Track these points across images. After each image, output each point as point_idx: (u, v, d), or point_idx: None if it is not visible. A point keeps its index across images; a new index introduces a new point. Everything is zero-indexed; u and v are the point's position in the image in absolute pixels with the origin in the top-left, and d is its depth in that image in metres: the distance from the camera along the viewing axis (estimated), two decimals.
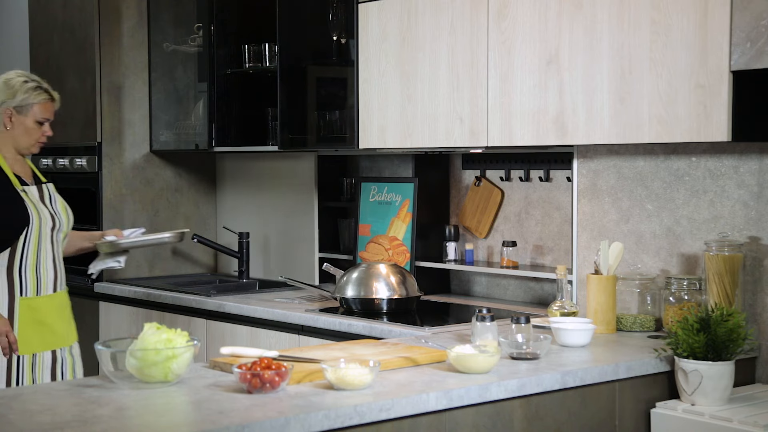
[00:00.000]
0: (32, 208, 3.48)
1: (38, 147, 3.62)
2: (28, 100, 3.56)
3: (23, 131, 3.57)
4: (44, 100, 3.60)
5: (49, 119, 3.63)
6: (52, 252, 3.55)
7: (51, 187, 3.64)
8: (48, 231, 3.52)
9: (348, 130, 4.23)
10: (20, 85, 3.57)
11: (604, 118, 3.28)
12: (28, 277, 3.48)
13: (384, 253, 4.42)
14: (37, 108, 3.58)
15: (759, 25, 2.88)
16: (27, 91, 3.57)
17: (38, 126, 3.59)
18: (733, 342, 2.86)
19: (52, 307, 3.56)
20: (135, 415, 2.32)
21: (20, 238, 3.45)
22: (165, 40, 5.10)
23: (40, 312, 3.51)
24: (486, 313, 2.95)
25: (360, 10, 4.09)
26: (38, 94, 3.59)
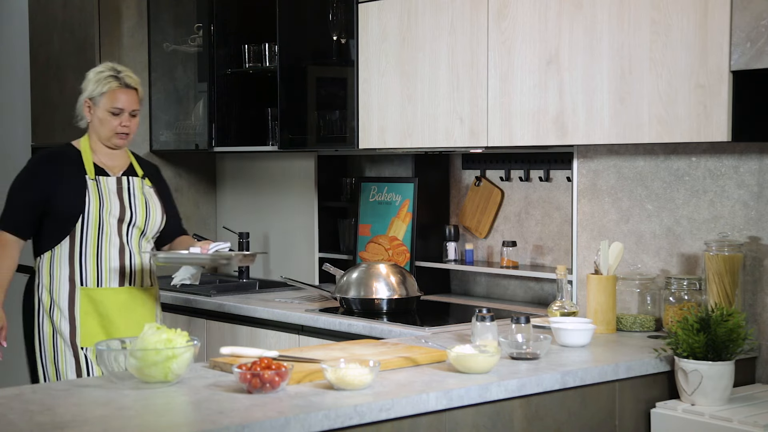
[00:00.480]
0: (94, 197, 3.48)
1: (120, 139, 3.58)
2: (97, 89, 3.54)
3: (98, 122, 3.56)
4: (113, 88, 3.54)
5: (122, 109, 3.55)
6: (119, 244, 3.53)
7: (136, 182, 3.61)
8: (113, 222, 3.51)
9: (348, 130, 4.23)
10: (94, 75, 3.57)
11: (604, 118, 3.28)
12: (88, 266, 3.51)
13: (384, 253, 4.42)
14: (106, 97, 3.54)
15: (759, 25, 2.88)
16: (98, 81, 3.55)
17: (111, 116, 3.55)
18: (733, 342, 2.86)
19: (115, 301, 3.54)
20: (135, 415, 2.32)
21: (77, 226, 3.48)
22: (165, 40, 5.10)
23: (101, 305, 3.52)
24: (486, 313, 2.95)
25: (360, 10, 4.09)
26: (107, 82, 3.54)
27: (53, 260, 3.52)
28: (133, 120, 3.60)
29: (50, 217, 3.51)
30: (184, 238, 3.79)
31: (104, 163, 3.58)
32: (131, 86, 3.57)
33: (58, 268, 3.52)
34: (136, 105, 3.59)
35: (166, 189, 3.79)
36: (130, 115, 3.57)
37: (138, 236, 3.58)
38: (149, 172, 3.72)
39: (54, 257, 3.52)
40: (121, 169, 3.61)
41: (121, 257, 3.54)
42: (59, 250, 3.51)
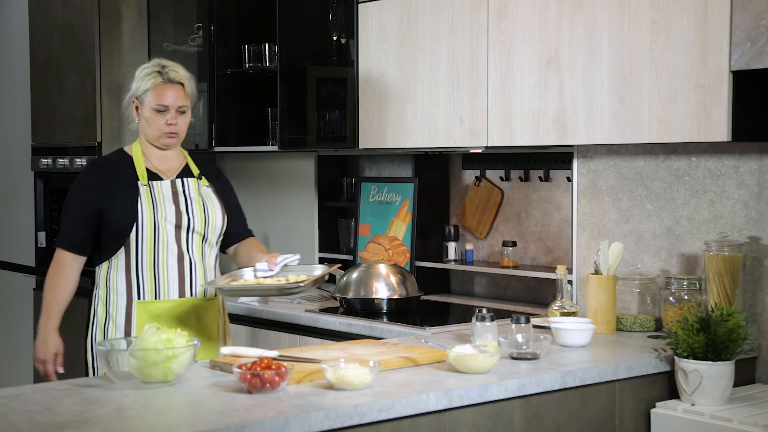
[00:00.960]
0: (147, 204, 3.22)
1: (168, 139, 3.29)
2: (142, 86, 3.29)
3: (144, 122, 3.30)
4: (157, 84, 3.27)
5: (167, 106, 3.26)
6: (178, 252, 3.24)
7: (191, 183, 3.32)
8: (170, 229, 3.23)
9: (348, 130, 4.23)
10: (139, 72, 3.34)
11: (604, 118, 3.28)
12: (145, 278, 3.23)
13: (384, 253, 4.42)
14: (151, 94, 3.27)
15: (759, 25, 2.88)
16: (143, 78, 3.30)
17: (157, 114, 3.27)
18: (733, 342, 2.86)
19: (175, 314, 3.24)
20: (135, 415, 2.32)
21: (131, 237, 3.21)
22: (165, 40, 5.10)
23: (160, 319, 3.18)
24: (486, 313, 2.95)
25: (360, 10, 4.09)
26: (150, 78, 3.28)
27: (110, 272, 3.26)
28: (182, 117, 3.29)
29: (105, 228, 3.24)
30: (251, 242, 3.46)
31: (157, 167, 3.30)
32: (176, 81, 3.28)
33: (114, 281, 3.25)
34: (184, 101, 3.29)
35: (227, 187, 3.48)
36: (178, 113, 3.28)
37: (200, 242, 3.29)
38: (206, 171, 3.41)
39: (111, 269, 3.26)
40: (175, 171, 3.33)
41: (179, 267, 3.24)
42: (116, 261, 3.24)
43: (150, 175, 3.28)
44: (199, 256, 3.28)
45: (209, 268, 3.31)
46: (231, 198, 3.46)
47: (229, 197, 3.44)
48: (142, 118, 3.31)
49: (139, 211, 3.20)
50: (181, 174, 3.34)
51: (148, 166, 3.30)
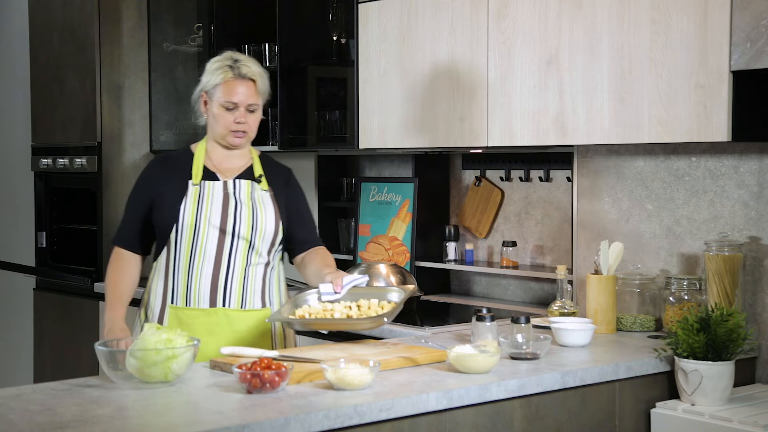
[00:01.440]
0: (191, 205, 3.05)
1: (235, 138, 3.10)
2: (211, 81, 3.09)
3: (212, 118, 3.12)
4: (228, 79, 3.07)
5: (237, 104, 3.07)
6: (216, 259, 3.05)
7: (244, 185, 3.11)
8: (213, 233, 3.05)
9: (348, 130, 4.23)
10: (210, 65, 3.13)
11: (604, 118, 3.28)
12: (179, 283, 3.07)
13: (384, 253, 4.42)
14: (220, 89, 3.07)
15: (759, 25, 2.88)
16: (213, 71, 3.10)
17: (225, 112, 3.08)
18: (733, 342, 2.86)
19: (204, 324, 3.05)
20: (135, 415, 2.32)
21: (171, 237, 3.07)
22: (165, 40, 5.10)
23: (189, 327, 3.01)
24: (486, 313, 2.95)
25: (360, 10, 4.09)
26: (221, 72, 3.08)
27: (154, 274, 3.14)
28: (251, 116, 3.10)
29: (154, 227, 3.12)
30: (318, 253, 3.20)
31: (217, 166, 3.13)
32: (247, 77, 3.08)
33: (156, 282, 3.13)
34: (254, 99, 3.09)
35: (296, 194, 3.24)
36: (247, 111, 3.09)
37: (245, 249, 3.07)
38: (272, 174, 3.19)
39: (155, 271, 3.14)
40: (236, 171, 3.14)
41: (214, 274, 3.05)
42: (159, 263, 3.12)
43: (207, 174, 3.12)
44: (242, 265, 3.07)
45: (255, 278, 3.11)
46: (299, 205, 3.23)
47: (297, 204, 3.22)
48: (210, 115, 3.12)
49: (181, 211, 3.05)
50: (242, 175, 3.14)
51: (208, 165, 3.13)
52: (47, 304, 5.38)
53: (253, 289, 3.11)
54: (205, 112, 3.14)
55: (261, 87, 3.12)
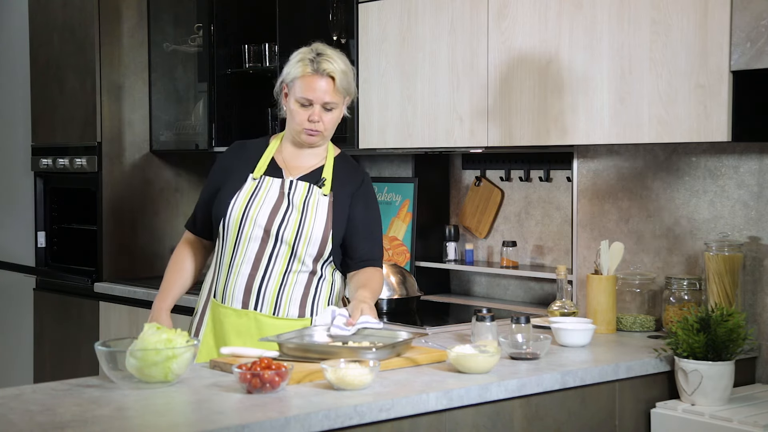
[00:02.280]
0: (242, 200, 2.94)
1: (308, 136, 2.94)
2: (291, 74, 2.93)
3: (289, 113, 2.97)
4: (307, 74, 2.89)
5: (312, 100, 2.90)
6: (255, 260, 2.93)
7: (302, 187, 2.96)
8: (258, 233, 2.92)
9: (348, 130, 4.23)
10: (294, 55, 2.96)
11: (604, 118, 3.28)
12: (220, 278, 2.99)
13: (384, 253, 4.41)
14: (298, 84, 2.91)
15: (759, 25, 2.88)
16: (294, 63, 2.93)
17: (300, 108, 2.92)
18: (733, 342, 2.86)
19: (235, 325, 2.96)
20: (135, 415, 2.32)
21: (219, 231, 2.97)
22: (165, 40, 5.10)
23: (221, 324, 2.98)
24: (486, 313, 2.95)
25: (360, 10, 4.09)
26: (300, 66, 2.91)
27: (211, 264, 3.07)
28: (328, 114, 2.93)
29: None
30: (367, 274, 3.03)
31: (286, 162, 2.99)
32: (326, 73, 2.90)
33: (208, 273, 3.07)
34: (332, 97, 2.91)
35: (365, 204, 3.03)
36: (324, 109, 2.92)
37: (287, 255, 2.93)
38: (342, 179, 3.00)
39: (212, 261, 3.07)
40: (304, 170, 2.99)
41: (251, 275, 2.93)
42: (215, 252, 3.06)
43: (273, 169, 2.98)
44: (281, 270, 2.93)
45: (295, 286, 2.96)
46: (367, 215, 3.03)
47: (364, 214, 3.02)
48: (287, 109, 2.97)
49: (230, 205, 2.94)
50: (307, 176, 2.99)
51: (278, 159, 3.00)
52: (47, 304, 5.38)
53: (290, 296, 2.97)
54: (285, 104, 2.99)
55: (341, 84, 2.93)
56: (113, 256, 4.99)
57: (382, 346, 2.73)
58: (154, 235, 5.14)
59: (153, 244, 5.13)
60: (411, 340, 2.83)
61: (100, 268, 4.95)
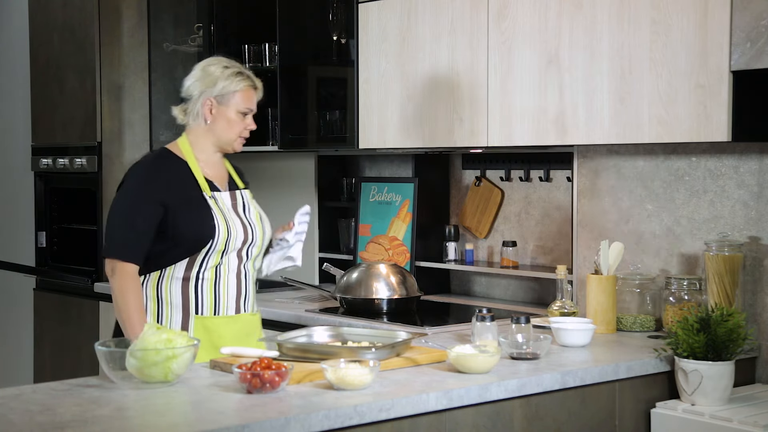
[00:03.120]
0: (220, 219, 3.06)
1: (241, 144, 3.19)
2: (229, 87, 3.12)
3: (225, 124, 3.13)
4: (246, 87, 3.14)
5: (253, 110, 3.18)
6: (237, 268, 3.12)
7: (247, 194, 3.22)
8: (236, 245, 3.10)
9: (348, 130, 4.23)
10: (221, 72, 3.13)
11: (604, 118, 3.28)
12: (204, 293, 3.08)
13: (384, 253, 4.42)
14: (239, 96, 3.13)
15: (759, 25, 2.88)
16: (228, 78, 3.13)
17: (241, 117, 3.14)
18: (733, 342, 2.86)
19: (232, 330, 3.11)
20: (135, 415, 2.32)
21: (201, 251, 3.05)
22: (165, 40, 5.10)
23: (216, 334, 3.08)
24: (486, 313, 2.95)
25: (360, 10, 4.09)
26: (240, 80, 3.14)
27: (162, 283, 3.07)
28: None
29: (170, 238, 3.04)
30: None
31: (211, 175, 3.15)
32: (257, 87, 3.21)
33: (167, 293, 3.07)
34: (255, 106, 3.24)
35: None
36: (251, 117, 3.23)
37: (256, 256, 3.18)
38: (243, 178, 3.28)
39: (163, 279, 3.07)
40: (224, 181, 3.20)
41: (237, 282, 3.12)
42: (171, 271, 3.07)
43: (210, 184, 3.14)
44: (252, 270, 3.18)
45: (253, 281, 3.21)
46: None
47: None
48: (222, 119, 3.13)
49: (216, 225, 3.05)
50: (231, 183, 3.21)
51: (206, 174, 3.14)
52: (47, 304, 5.38)
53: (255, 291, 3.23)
54: (209, 117, 3.12)
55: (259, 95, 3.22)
56: None
57: (382, 346, 2.75)
58: None
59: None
60: (411, 340, 2.85)
61: (100, 268, 4.95)
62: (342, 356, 2.64)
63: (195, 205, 3.06)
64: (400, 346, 2.81)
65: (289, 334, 2.93)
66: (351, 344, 2.86)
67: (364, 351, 2.71)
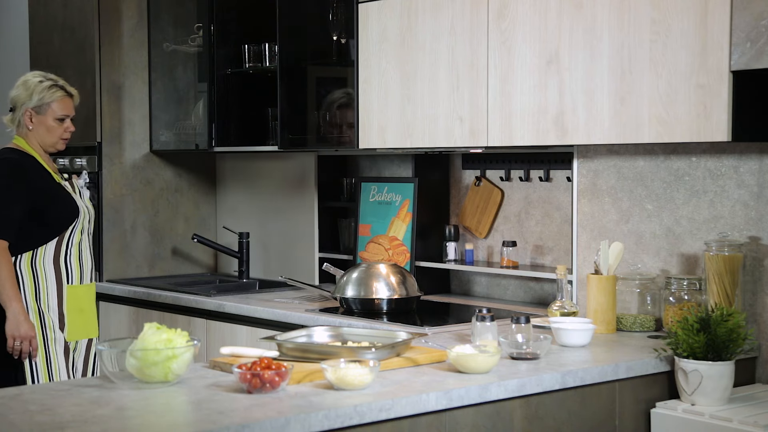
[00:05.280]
0: (78, 201, 3.72)
1: (63, 144, 3.78)
2: (44, 99, 3.70)
3: (45, 130, 3.72)
4: (60, 97, 3.72)
5: (69, 115, 3.76)
6: (88, 243, 3.77)
7: (79, 182, 3.85)
8: (86, 223, 3.75)
9: (348, 130, 4.23)
10: (36, 85, 3.70)
11: (604, 118, 3.28)
12: (73, 266, 3.71)
13: (384, 253, 4.42)
14: (55, 105, 3.72)
15: (759, 25, 2.88)
16: (42, 91, 3.70)
17: (59, 123, 3.73)
18: (733, 342, 2.86)
19: (89, 296, 3.80)
20: (135, 415, 2.32)
21: (68, 229, 3.68)
22: (165, 40, 5.10)
23: (81, 300, 3.74)
24: (486, 313, 2.95)
25: (360, 10, 4.09)
26: (54, 92, 3.71)
27: (35, 260, 3.65)
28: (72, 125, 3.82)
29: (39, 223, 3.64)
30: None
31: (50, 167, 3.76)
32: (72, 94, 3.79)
33: (42, 268, 3.66)
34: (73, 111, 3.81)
35: None
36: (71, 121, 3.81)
37: (89, 230, 3.81)
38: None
39: (36, 257, 3.66)
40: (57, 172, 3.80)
41: (90, 254, 3.79)
42: (43, 250, 3.66)
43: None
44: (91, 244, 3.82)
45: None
46: None
47: None
48: (41, 126, 3.71)
49: (78, 206, 3.70)
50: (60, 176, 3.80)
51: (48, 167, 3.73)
52: None
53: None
54: (30, 124, 3.70)
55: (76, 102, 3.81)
56: (113, 256, 5.00)
57: (382, 346, 2.76)
58: (154, 235, 5.14)
59: (153, 244, 5.13)
60: (411, 340, 2.85)
61: (100, 268, 4.95)
62: (342, 356, 2.65)
63: (55, 191, 3.67)
64: (400, 346, 2.81)
65: (289, 334, 2.93)
66: (351, 344, 2.86)
67: (364, 351, 2.71)
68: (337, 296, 3.92)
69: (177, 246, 5.20)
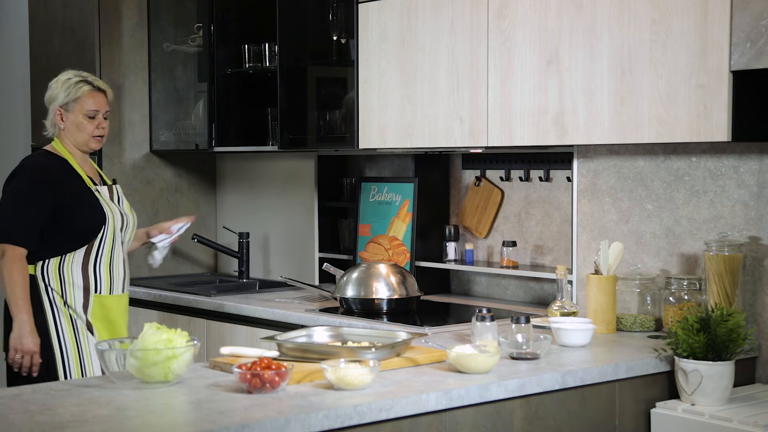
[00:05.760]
0: (107, 208, 3.55)
1: (97, 142, 3.62)
2: (71, 95, 3.57)
3: (75, 128, 3.59)
4: (88, 92, 3.58)
5: (99, 111, 3.60)
6: (121, 252, 3.61)
7: (118, 188, 3.70)
8: (119, 231, 3.60)
9: (348, 130, 4.23)
10: (63, 83, 3.59)
11: (604, 118, 3.28)
12: (102, 275, 3.55)
13: (384, 253, 4.42)
14: (82, 101, 3.58)
15: (759, 25, 2.88)
16: (69, 87, 3.58)
17: (89, 120, 3.59)
18: (733, 342, 2.86)
19: (120, 307, 3.62)
20: (135, 415, 2.32)
21: (97, 237, 3.53)
22: (165, 40, 5.10)
23: (110, 311, 3.57)
24: (486, 313, 2.95)
25: (360, 10, 4.09)
26: (80, 87, 3.58)
27: (63, 266, 3.50)
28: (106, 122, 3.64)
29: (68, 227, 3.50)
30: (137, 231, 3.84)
31: (87, 172, 3.62)
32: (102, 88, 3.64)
33: (70, 275, 3.51)
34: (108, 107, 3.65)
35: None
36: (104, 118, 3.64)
37: (128, 241, 3.69)
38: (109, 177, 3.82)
39: (65, 263, 3.50)
40: (97, 177, 3.66)
41: (123, 264, 3.62)
42: (71, 257, 3.51)
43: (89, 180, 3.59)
44: (126, 253, 3.67)
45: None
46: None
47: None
48: (71, 124, 3.58)
49: (106, 214, 3.54)
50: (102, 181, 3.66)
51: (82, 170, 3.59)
52: None
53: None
54: (61, 123, 3.59)
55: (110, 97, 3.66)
56: None
57: (382, 346, 2.76)
58: None
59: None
60: (411, 340, 2.86)
61: None
62: (342, 356, 2.65)
63: (85, 197, 3.52)
64: (400, 346, 2.81)
65: (289, 334, 2.93)
66: (351, 344, 2.86)
67: (364, 351, 2.71)
68: (337, 296, 3.92)
69: (177, 246, 5.20)
